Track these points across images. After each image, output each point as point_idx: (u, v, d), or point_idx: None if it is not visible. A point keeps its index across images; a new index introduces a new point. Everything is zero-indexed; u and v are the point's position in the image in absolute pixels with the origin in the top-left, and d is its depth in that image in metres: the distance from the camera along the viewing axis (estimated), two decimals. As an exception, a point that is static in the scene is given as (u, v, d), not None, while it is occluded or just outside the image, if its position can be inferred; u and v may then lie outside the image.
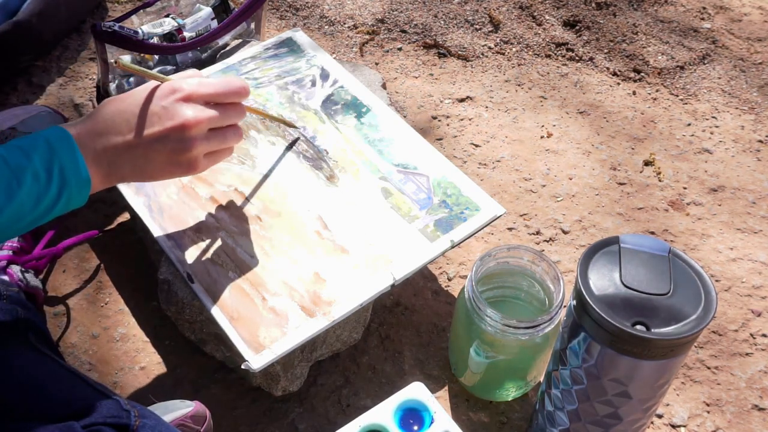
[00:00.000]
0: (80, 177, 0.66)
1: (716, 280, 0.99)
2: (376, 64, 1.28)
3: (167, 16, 1.08)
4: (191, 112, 0.69)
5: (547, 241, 1.02)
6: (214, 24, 1.10)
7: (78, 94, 1.18)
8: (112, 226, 1.02)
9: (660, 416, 0.86)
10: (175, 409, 0.76)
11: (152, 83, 0.71)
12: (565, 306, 0.82)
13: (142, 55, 1.07)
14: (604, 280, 0.62)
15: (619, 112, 1.21)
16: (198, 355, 0.88)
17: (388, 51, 1.30)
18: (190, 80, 0.71)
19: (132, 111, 0.69)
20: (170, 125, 0.68)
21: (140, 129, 0.68)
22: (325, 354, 0.86)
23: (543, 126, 1.18)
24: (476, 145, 1.15)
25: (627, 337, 0.59)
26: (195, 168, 0.72)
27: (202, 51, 1.12)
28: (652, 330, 0.59)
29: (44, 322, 0.89)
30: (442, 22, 1.35)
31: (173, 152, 0.69)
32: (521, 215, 1.05)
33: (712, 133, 1.18)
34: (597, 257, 0.63)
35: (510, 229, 1.04)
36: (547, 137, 1.16)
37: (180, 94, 0.70)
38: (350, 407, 0.85)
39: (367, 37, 1.32)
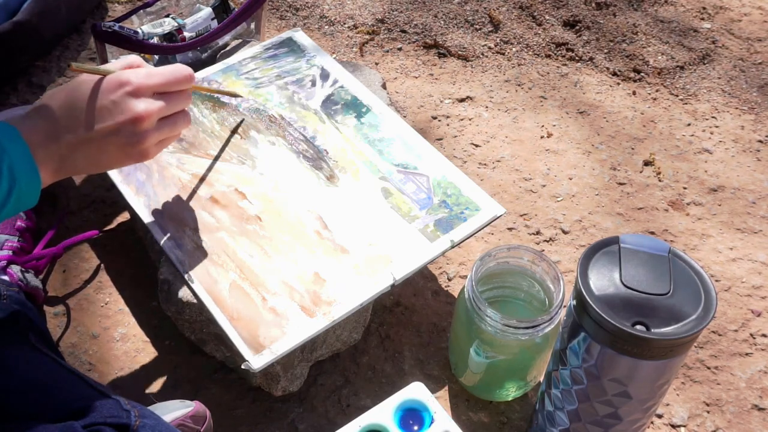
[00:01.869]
0: (30, 175, 0.64)
1: (716, 280, 0.99)
2: (376, 64, 1.28)
3: (167, 16, 1.09)
4: (142, 106, 0.68)
5: (547, 241, 1.02)
6: (214, 24, 1.10)
7: (78, 94, 1.18)
8: (112, 226, 1.02)
9: (660, 416, 0.86)
10: (175, 409, 0.76)
11: (94, 76, 0.69)
12: (565, 306, 0.82)
13: (142, 55, 1.07)
14: (604, 280, 0.62)
15: (619, 112, 1.21)
16: (198, 355, 0.88)
17: (388, 51, 1.30)
18: (137, 72, 0.70)
19: (80, 106, 0.67)
20: (121, 119, 0.67)
21: (91, 124, 0.67)
22: (325, 354, 0.86)
23: (543, 126, 1.18)
24: (476, 145, 1.15)
25: (627, 337, 0.59)
26: (146, 156, 0.72)
27: (202, 51, 1.12)
28: (652, 330, 0.59)
29: (44, 322, 0.89)
30: (442, 22, 1.35)
31: (126, 145, 0.69)
32: (521, 215, 1.05)
33: (712, 133, 1.18)
34: (597, 257, 0.63)
35: (510, 229, 1.04)
36: (547, 137, 1.16)
37: (128, 87, 0.68)
38: (350, 407, 0.85)
39: (367, 37, 1.32)
